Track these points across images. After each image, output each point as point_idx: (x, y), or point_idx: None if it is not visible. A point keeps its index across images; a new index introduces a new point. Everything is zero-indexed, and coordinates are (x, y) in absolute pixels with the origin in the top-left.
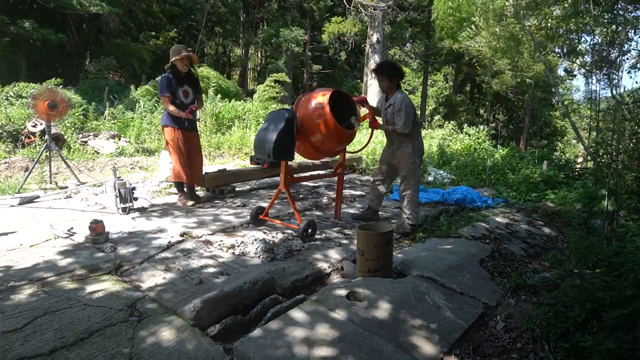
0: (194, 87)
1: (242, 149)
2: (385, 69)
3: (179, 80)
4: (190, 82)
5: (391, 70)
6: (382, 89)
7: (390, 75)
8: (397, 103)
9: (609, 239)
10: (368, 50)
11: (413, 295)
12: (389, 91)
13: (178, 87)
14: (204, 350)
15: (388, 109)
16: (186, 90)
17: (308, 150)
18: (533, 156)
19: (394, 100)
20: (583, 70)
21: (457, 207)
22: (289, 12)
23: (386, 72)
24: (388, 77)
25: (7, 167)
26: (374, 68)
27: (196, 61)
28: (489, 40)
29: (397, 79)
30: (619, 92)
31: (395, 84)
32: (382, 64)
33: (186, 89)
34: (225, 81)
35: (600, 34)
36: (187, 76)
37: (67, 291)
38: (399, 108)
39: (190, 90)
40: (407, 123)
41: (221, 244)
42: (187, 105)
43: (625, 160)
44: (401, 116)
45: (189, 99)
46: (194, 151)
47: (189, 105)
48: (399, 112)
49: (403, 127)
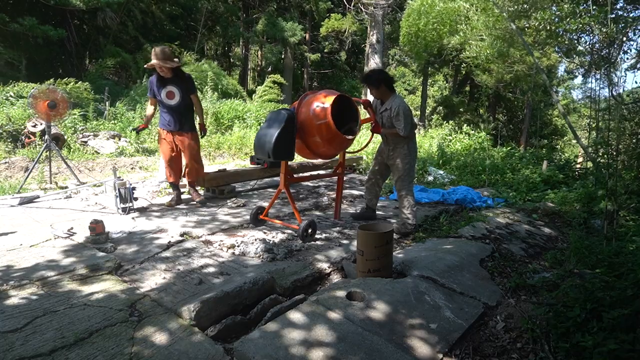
0: (182, 87)
1: (242, 149)
2: (370, 79)
3: (162, 80)
4: (178, 82)
5: (376, 78)
6: (375, 96)
7: (377, 83)
8: (394, 108)
9: (609, 239)
10: (368, 50)
11: (413, 295)
12: (382, 97)
13: (161, 87)
14: (204, 351)
15: (384, 112)
16: (171, 91)
17: (306, 151)
18: (533, 156)
19: (390, 105)
20: (582, 70)
21: (457, 207)
22: (289, 11)
23: (371, 82)
24: (375, 86)
25: (7, 167)
26: (361, 80)
27: (169, 68)
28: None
29: (385, 84)
30: (618, 92)
31: (385, 89)
32: (366, 75)
33: (171, 89)
34: (226, 78)
35: (600, 34)
36: (175, 76)
37: (67, 291)
38: (397, 113)
39: (176, 91)
40: (408, 126)
41: (221, 244)
42: (172, 108)
43: (625, 160)
44: (400, 121)
45: (174, 100)
46: (180, 151)
47: (174, 108)
48: (398, 117)
49: (405, 131)
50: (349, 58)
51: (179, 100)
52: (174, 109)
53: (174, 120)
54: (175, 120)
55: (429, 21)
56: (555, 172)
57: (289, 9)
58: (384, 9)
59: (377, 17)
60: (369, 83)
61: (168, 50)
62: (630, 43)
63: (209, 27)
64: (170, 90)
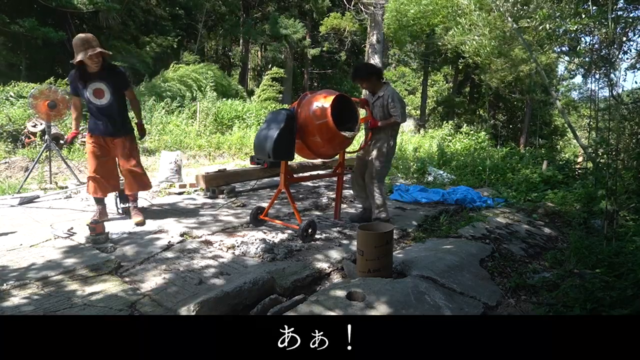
0: (112, 83)
1: (242, 149)
2: (359, 72)
3: (87, 76)
4: (106, 77)
5: (364, 72)
6: (367, 89)
7: (367, 74)
8: (387, 95)
9: (609, 239)
10: (368, 51)
11: (413, 295)
12: (374, 88)
13: (86, 85)
14: None
15: (376, 102)
16: (99, 89)
17: (306, 151)
18: (533, 156)
19: (382, 93)
20: (582, 70)
21: (457, 207)
22: (289, 11)
23: (361, 76)
24: (366, 77)
25: (7, 167)
26: (352, 78)
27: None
28: (481, 43)
29: (374, 76)
30: (618, 92)
31: (375, 80)
32: (354, 70)
33: (99, 86)
34: (226, 78)
35: (599, 34)
36: (102, 70)
37: (67, 291)
38: (392, 99)
39: (106, 89)
40: (403, 112)
41: (221, 244)
42: (102, 108)
43: (625, 160)
44: (396, 107)
45: (104, 100)
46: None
47: (105, 108)
48: (393, 104)
49: (401, 117)
50: (349, 58)
51: (110, 98)
52: (105, 110)
53: (106, 123)
54: (107, 123)
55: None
56: (555, 172)
57: (289, 8)
58: (383, 9)
59: (377, 17)
60: (359, 76)
61: (91, 36)
62: (630, 43)
63: (209, 27)
64: (98, 88)
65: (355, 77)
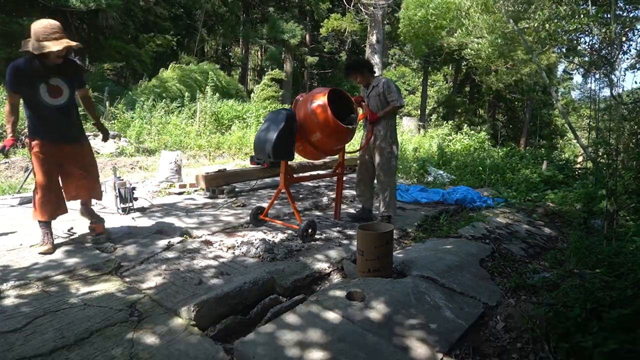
0: (71, 80)
1: (242, 149)
2: (352, 66)
3: (44, 69)
4: (65, 72)
5: (356, 67)
6: (361, 82)
7: (360, 68)
8: (382, 83)
9: (609, 239)
10: (368, 50)
11: (413, 295)
12: (367, 81)
13: (39, 81)
14: (204, 351)
15: (372, 92)
16: (57, 87)
17: (308, 150)
18: (533, 156)
19: (377, 82)
20: (582, 70)
21: (457, 207)
22: (289, 11)
23: (355, 69)
24: (359, 71)
25: (7, 167)
26: (344, 75)
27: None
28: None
29: (366, 69)
30: (618, 92)
31: (367, 74)
32: (346, 67)
33: (57, 83)
34: (226, 78)
35: (599, 34)
36: (62, 64)
37: (67, 291)
38: (387, 86)
39: (64, 86)
40: (400, 96)
41: (221, 244)
42: (59, 109)
43: (625, 160)
44: (393, 92)
45: (61, 99)
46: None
47: (62, 109)
48: (389, 90)
49: (398, 101)
50: (349, 58)
51: (69, 98)
52: (62, 111)
53: (63, 127)
54: (63, 127)
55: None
56: (555, 172)
57: (289, 8)
58: (383, 9)
59: (377, 17)
60: (353, 71)
61: (55, 23)
62: (629, 43)
63: (209, 27)
64: (55, 85)
65: (349, 72)
